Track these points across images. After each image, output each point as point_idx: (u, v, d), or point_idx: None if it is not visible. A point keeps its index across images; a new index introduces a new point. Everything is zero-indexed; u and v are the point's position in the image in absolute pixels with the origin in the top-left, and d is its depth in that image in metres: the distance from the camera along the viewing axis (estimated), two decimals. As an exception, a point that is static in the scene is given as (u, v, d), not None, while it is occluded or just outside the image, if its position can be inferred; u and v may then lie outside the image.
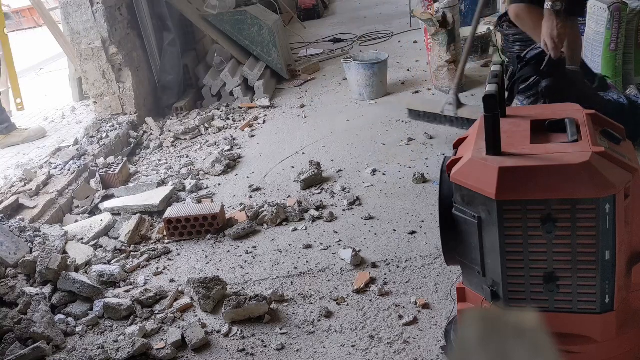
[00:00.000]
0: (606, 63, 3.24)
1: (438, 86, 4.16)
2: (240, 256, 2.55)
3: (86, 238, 2.80)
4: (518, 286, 1.45)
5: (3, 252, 2.52)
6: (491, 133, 1.40)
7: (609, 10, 3.13)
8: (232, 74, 4.61)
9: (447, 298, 2.06)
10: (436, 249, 2.34)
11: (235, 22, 4.78)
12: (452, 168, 1.50)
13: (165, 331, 2.12)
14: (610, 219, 1.33)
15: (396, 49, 5.36)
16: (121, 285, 2.45)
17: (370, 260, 2.36)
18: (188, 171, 3.45)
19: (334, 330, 2.00)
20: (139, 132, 4.16)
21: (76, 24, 4.08)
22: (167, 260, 2.60)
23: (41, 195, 3.16)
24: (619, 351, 1.46)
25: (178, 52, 4.62)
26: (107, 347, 2.03)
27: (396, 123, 3.71)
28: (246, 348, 1.98)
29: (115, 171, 3.39)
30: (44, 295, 2.31)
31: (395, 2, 7.26)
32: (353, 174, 3.13)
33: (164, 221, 2.75)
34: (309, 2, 7.42)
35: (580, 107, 1.62)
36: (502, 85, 1.54)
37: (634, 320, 1.47)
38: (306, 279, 2.32)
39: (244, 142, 3.85)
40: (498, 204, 1.37)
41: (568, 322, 1.44)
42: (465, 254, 1.54)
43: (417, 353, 1.84)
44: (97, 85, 4.23)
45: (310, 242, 2.56)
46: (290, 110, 4.34)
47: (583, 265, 1.38)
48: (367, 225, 2.63)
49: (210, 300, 2.20)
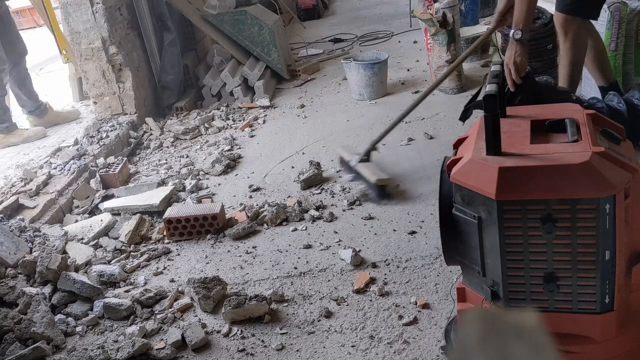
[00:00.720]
0: (606, 63, 3.24)
1: (438, 86, 4.16)
2: (240, 256, 2.55)
3: (86, 238, 2.80)
4: (518, 286, 1.45)
5: (3, 252, 2.52)
6: (491, 133, 1.40)
7: (609, 10, 3.13)
8: (232, 74, 4.61)
9: (447, 298, 2.06)
10: (436, 249, 2.34)
11: (235, 22, 4.78)
12: (452, 168, 1.50)
13: (165, 331, 2.12)
14: (610, 219, 1.33)
15: (396, 49, 5.36)
16: (121, 285, 2.45)
17: (370, 260, 2.36)
18: (188, 171, 3.45)
19: (334, 330, 2.00)
20: (139, 132, 4.17)
21: (76, 24, 4.08)
22: (167, 260, 2.60)
23: (41, 195, 3.16)
24: (619, 351, 1.46)
25: (178, 52, 4.62)
26: (107, 347, 2.03)
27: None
28: (246, 348, 1.98)
29: (115, 171, 3.39)
30: (44, 295, 2.31)
31: (395, 2, 7.26)
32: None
33: (164, 221, 2.75)
34: (309, 2, 7.42)
35: (580, 107, 1.62)
36: (502, 85, 1.54)
37: (634, 320, 1.47)
38: (306, 279, 2.32)
39: (244, 142, 3.85)
40: (498, 204, 1.37)
41: (568, 322, 1.44)
42: (465, 254, 1.54)
43: (417, 353, 1.84)
44: (97, 85, 4.23)
45: (310, 242, 2.56)
46: (290, 110, 4.34)
47: (583, 265, 1.38)
48: (367, 225, 2.63)
49: (210, 300, 2.20)
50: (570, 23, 2.67)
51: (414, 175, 2.99)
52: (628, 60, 3.29)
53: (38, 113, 4.30)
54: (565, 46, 2.74)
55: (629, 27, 3.21)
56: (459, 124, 3.49)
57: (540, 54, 3.53)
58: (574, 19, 2.66)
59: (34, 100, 4.28)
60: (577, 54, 2.71)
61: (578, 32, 2.66)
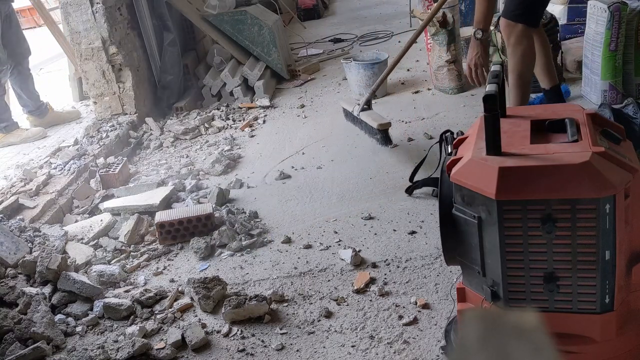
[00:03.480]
0: (606, 63, 3.25)
1: (438, 86, 4.16)
2: (240, 256, 2.55)
3: (86, 238, 2.80)
4: (518, 286, 1.45)
5: (3, 252, 2.52)
6: (491, 133, 1.41)
7: (609, 10, 3.13)
8: (232, 74, 4.61)
9: (447, 298, 2.06)
10: (436, 249, 2.34)
11: (235, 22, 4.78)
12: (452, 168, 1.50)
13: (165, 331, 2.12)
14: (610, 219, 1.33)
15: (396, 49, 5.34)
16: (121, 285, 2.45)
17: (370, 260, 2.36)
18: (188, 171, 3.45)
19: (334, 330, 2.00)
20: (139, 132, 4.16)
21: (76, 24, 4.08)
22: (167, 260, 2.60)
23: (41, 195, 3.16)
24: (619, 351, 1.46)
25: (178, 52, 4.62)
26: (107, 347, 2.03)
27: (396, 123, 3.71)
28: (246, 348, 1.98)
29: (115, 171, 3.39)
30: (44, 295, 2.31)
31: (395, 2, 7.26)
32: (353, 174, 3.13)
33: (156, 226, 2.70)
34: (309, 2, 7.42)
35: (580, 107, 1.62)
36: (502, 85, 1.54)
37: (634, 320, 1.47)
38: (306, 279, 2.32)
39: (244, 142, 3.85)
40: (498, 204, 1.37)
41: (568, 322, 1.44)
42: (465, 254, 1.55)
43: (417, 353, 1.84)
44: (97, 85, 4.23)
45: (310, 242, 2.56)
46: (290, 110, 4.34)
47: (583, 265, 1.38)
48: (367, 225, 2.63)
49: (210, 300, 2.20)
50: (512, 28, 2.74)
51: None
52: (628, 60, 3.29)
53: (38, 113, 4.30)
54: (508, 50, 2.82)
55: (629, 27, 3.21)
56: (459, 124, 3.49)
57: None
58: (516, 25, 2.73)
59: (34, 100, 4.28)
60: (521, 61, 2.77)
61: (520, 38, 2.73)
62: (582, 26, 3.61)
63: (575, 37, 4.05)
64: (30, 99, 4.25)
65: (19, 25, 4.23)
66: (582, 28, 3.59)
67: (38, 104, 4.30)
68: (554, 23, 3.57)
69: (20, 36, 4.13)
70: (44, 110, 4.32)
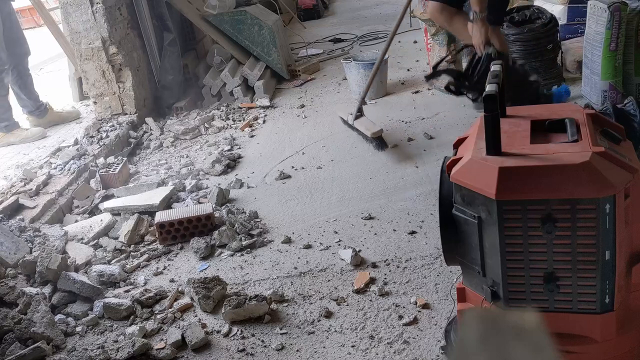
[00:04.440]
0: (606, 63, 3.24)
1: (438, 86, 4.16)
2: (240, 256, 2.55)
3: (86, 238, 2.80)
4: (518, 286, 1.45)
5: (3, 252, 2.52)
6: (491, 133, 1.40)
7: (609, 10, 3.13)
8: (232, 74, 4.61)
9: (447, 298, 2.06)
10: (436, 249, 2.34)
11: (235, 22, 4.78)
12: (452, 168, 1.50)
13: (165, 331, 2.12)
14: (610, 219, 1.33)
15: (396, 49, 5.36)
16: (121, 285, 2.45)
17: (370, 260, 2.36)
18: (188, 171, 3.45)
19: (334, 330, 2.00)
20: (139, 132, 4.16)
21: (76, 24, 4.08)
22: (167, 260, 2.60)
23: (41, 195, 3.16)
24: (619, 351, 1.46)
25: (178, 52, 4.62)
26: (107, 347, 2.03)
27: (396, 123, 3.71)
28: (246, 348, 1.98)
29: (115, 171, 3.39)
30: (44, 295, 2.31)
31: (395, 2, 7.25)
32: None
33: (155, 226, 2.71)
34: (309, 2, 7.42)
35: (580, 107, 1.62)
36: (502, 85, 1.54)
37: (634, 320, 1.47)
38: (306, 279, 2.32)
39: (244, 142, 3.85)
40: (498, 204, 1.37)
41: (568, 322, 1.44)
42: (465, 254, 1.54)
43: (417, 353, 1.84)
44: (97, 85, 4.23)
45: (310, 242, 2.55)
46: (290, 110, 4.34)
47: (583, 265, 1.38)
48: (367, 225, 2.63)
49: (210, 300, 2.19)
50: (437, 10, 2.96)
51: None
52: (628, 60, 3.29)
53: (38, 113, 4.30)
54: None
55: (629, 27, 3.21)
56: (459, 124, 3.49)
57: (541, 53, 3.54)
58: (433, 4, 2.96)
59: (34, 100, 4.28)
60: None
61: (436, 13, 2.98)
62: (582, 26, 3.60)
63: (575, 37, 4.05)
64: (29, 99, 4.25)
65: (19, 25, 4.23)
66: (582, 28, 3.58)
67: (37, 104, 4.30)
68: (554, 23, 3.57)
69: (20, 36, 4.13)
70: (43, 111, 4.32)
